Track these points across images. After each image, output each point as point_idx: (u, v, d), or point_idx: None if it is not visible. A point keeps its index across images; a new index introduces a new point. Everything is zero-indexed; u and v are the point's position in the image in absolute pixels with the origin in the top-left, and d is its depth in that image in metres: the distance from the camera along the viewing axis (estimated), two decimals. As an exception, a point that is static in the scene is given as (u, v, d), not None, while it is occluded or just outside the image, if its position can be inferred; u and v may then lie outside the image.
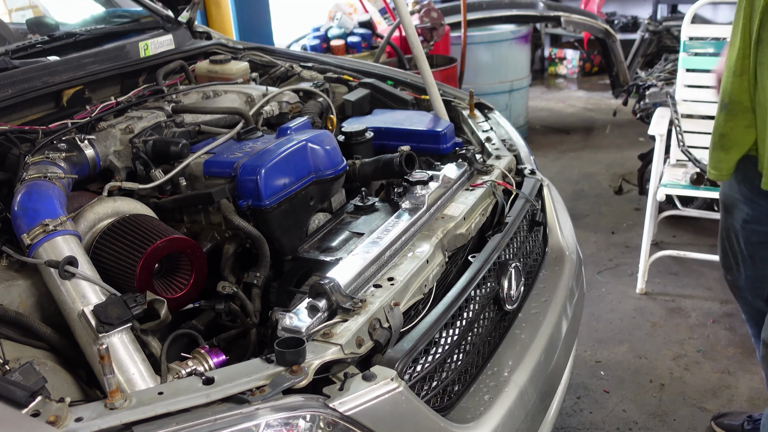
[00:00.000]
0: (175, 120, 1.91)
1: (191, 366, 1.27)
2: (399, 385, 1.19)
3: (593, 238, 4.01)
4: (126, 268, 1.42)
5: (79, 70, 2.09)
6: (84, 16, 2.76)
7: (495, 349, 1.61)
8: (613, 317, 3.27)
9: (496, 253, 1.67)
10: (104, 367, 1.03)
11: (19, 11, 3.66)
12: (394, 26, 4.74)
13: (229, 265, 1.62)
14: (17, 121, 1.92)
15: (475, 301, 1.57)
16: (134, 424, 1.02)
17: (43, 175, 1.49)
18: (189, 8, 2.56)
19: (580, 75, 7.64)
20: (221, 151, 1.77)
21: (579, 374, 2.85)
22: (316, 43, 5.09)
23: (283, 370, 1.13)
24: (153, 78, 2.28)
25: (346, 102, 2.34)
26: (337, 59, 2.83)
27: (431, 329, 1.38)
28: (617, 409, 2.67)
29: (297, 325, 1.24)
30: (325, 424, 1.12)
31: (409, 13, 2.34)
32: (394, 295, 1.37)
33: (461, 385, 1.47)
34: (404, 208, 1.65)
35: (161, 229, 1.49)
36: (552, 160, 5.22)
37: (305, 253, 1.61)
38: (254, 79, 2.49)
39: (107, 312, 1.20)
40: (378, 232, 1.54)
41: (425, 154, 2.08)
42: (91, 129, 1.85)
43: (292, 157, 1.69)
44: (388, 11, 5.30)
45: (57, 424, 0.99)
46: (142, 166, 1.75)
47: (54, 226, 1.33)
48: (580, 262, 2.06)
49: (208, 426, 1.04)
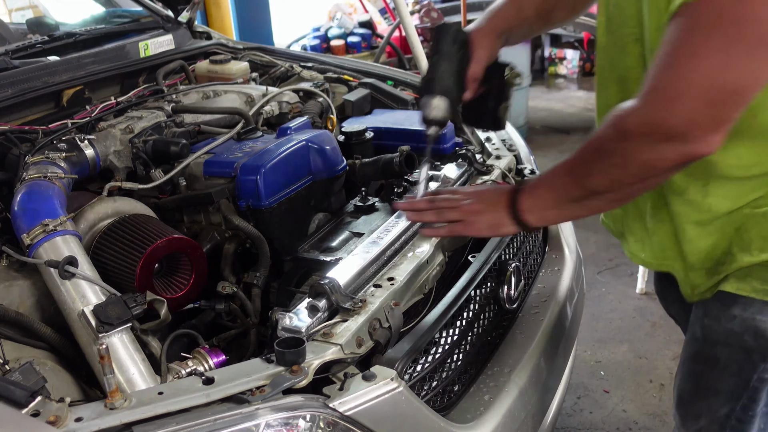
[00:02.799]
0: (175, 120, 1.91)
1: (191, 366, 1.27)
2: (399, 385, 1.19)
3: (593, 238, 4.01)
4: (126, 268, 1.42)
5: (79, 70, 2.09)
6: (84, 16, 2.77)
7: (495, 349, 1.61)
8: (613, 317, 3.27)
9: (496, 253, 1.67)
10: (104, 367, 1.03)
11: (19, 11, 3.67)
12: (394, 26, 4.74)
13: (229, 265, 1.62)
14: (17, 121, 1.92)
15: (475, 301, 1.57)
16: (134, 424, 1.02)
17: (43, 175, 1.49)
18: (189, 8, 2.56)
19: (580, 75, 7.63)
20: (221, 151, 1.77)
21: (579, 374, 2.85)
22: (316, 43, 5.10)
23: (283, 370, 1.13)
24: (153, 78, 2.28)
25: (346, 102, 2.34)
26: (337, 59, 2.83)
27: (431, 329, 1.39)
28: (617, 409, 2.67)
29: (297, 325, 1.24)
30: (325, 424, 1.12)
31: (409, 13, 2.35)
32: (394, 295, 1.37)
33: (461, 385, 1.47)
34: (404, 208, 1.65)
35: (161, 229, 1.49)
36: (552, 160, 5.22)
37: (305, 253, 1.61)
38: (254, 79, 2.49)
39: (107, 312, 1.20)
40: (378, 232, 1.54)
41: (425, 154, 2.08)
42: (91, 129, 1.85)
43: (292, 157, 1.69)
44: (388, 11, 5.31)
45: (57, 424, 0.99)
46: (142, 166, 1.74)
47: (54, 226, 1.33)
48: (580, 262, 2.06)
49: (208, 426, 1.04)
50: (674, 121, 1.03)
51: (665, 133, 1.05)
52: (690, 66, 1.00)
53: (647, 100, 1.07)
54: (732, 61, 0.97)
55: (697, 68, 1.00)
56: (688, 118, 1.02)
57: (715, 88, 1.00)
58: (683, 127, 1.03)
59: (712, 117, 1.02)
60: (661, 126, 1.05)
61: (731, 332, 1.29)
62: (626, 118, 1.10)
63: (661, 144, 1.06)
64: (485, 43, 1.42)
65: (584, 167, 1.20)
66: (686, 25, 1.00)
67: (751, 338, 1.29)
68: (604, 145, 1.15)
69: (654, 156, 1.08)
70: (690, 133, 1.03)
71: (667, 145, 1.06)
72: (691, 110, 1.02)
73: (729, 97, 1.01)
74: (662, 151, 1.06)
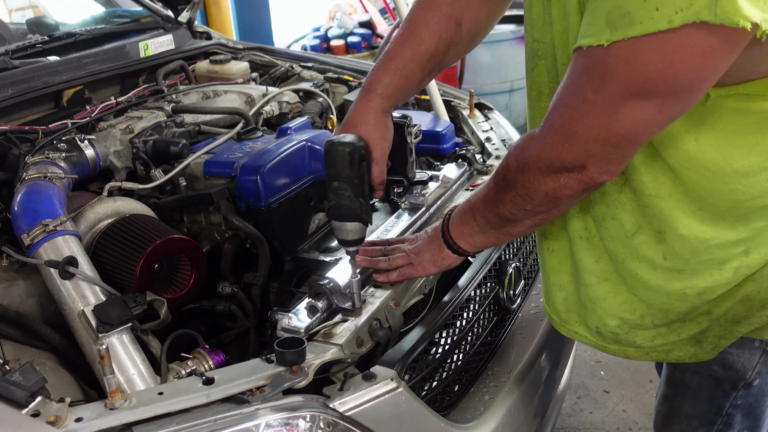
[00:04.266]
0: (175, 120, 1.91)
1: (191, 366, 1.27)
2: (399, 385, 1.19)
3: (593, 238, 4.01)
4: (126, 268, 1.42)
5: (79, 70, 2.09)
6: (84, 16, 2.77)
7: (495, 349, 1.61)
8: (613, 317, 3.27)
9: (496, 253, 1.67)
10: (104, 367, 1.03)
11: (19, 11, 3.67)
12: (394, 26, 4.74)
13: (229, 265, 1.62)
14: (17, 121, 1.93)
15: (475, 301, 1.57)
16: (134, 424, 1.02)
17: (43, 175, 1.49)
18: (189, 8, 2.56)
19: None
20: (221, 151, 1.77)
21: (579, 374, 2.85)
22: (316, 43, 5.10)
23: (283, 370, 1.13)
24: (153, 78, 2.29)
25: (346, 102, 2.34)
26: (337, 59, 2.83)
27: (431, 329, 1.39)
28: (617, 409, 2.67)
29: (296, 326, 1.24)
30: (325, 424, 1.12)
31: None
32: (394, 295, 1.37)
33: (461, 385, 1.47)
34: (404, 208, 1.65)
35: (161, 229, 1.49)
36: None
37: (305, 253, 1.61)
38: (254, 79, 2.49)
39: (107, 312, 1.21)
40: (378, 232, 1.54)
41: (425, 154, 2.08)
42: (91, 129, 1.85)
43: (292, 158, 1.69)
44: (388, 11, 5.31)
45: (57, 424, 0.99)
46: (142, 166, 1.75)
47: (54, 226, 1.33)
48: (580, 262, 2.06)
49: (208, 426, 1.04)
50: (571, 157, 1.03)
51: (562, 167, 1.05)
52: (583, 110, 0.99)
53: (545, 136, 1.06)
54: (619, 111, 0.95)
55: (589, 114, 0.98)
56: (585, 155, 1.02)
57: (608, 133, 0.99)
58: (581, 161, 1.03)
59: (608, 154, 1.02)
60: (558, 160, 1.05)
61: (699, 362, 1.28)
62: (526, 150, 1.10)
63: (563, 174, 1.06)
64: (376, 137, 1.35)
65: (495, 196, 1.20)
66: (581, 67, 0.98)
67: (719, 368, 1.28)
68: (508, 176, 1.15)
69: (556, 185, 1.07)
70: (589, 165, 1.03)
71: (569, 175, 1.06)
72: (586, 149, 1.02)
73: (622, 141, 1.00)
74: (564, 180, 1.06)
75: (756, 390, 1.29)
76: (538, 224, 1.20)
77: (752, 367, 1.26)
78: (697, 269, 1.14)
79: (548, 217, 1.18)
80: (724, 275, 1.13)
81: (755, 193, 1.07)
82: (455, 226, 1.32)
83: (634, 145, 1.02)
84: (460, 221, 1.31)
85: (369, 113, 1.35)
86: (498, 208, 1.19)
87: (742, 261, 1.12)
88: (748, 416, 1.33)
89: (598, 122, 0.98)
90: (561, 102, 1.03)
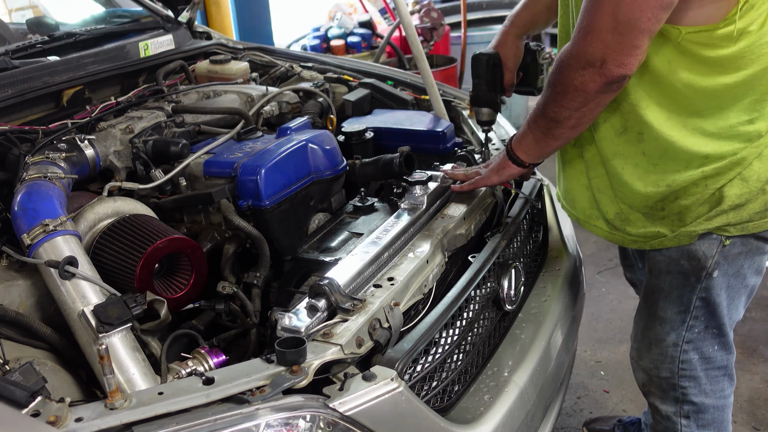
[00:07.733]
0: (175, 120, 1.91)
1: (191, 366, 1.27)
2: (399, 385, 1.19)
3: (593, 238, 3.99)
4: (126, 268, 1.42)
5: (79, 70, 2.09)
6: (84, 16, 2.77)
7: (495, 349, 1.61)
8: (613, 317, 3.27)
9: (496, 253, 1.67)
10: (104, 367, 1.03)
11: (19, 11, 3.67)
12: (394, 26, 4.74)
13: (229, 265, 1.62)
14: (17, 121, 1.92)
15: (475, 301, 1.57)
16: (134, 424, 1.02)
17: (43, 175, 1.49)
18: (189, 8, 2.56)
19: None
20: (221, 151, 1.77)
21: (579, 374, 2.85)
22: (316, 43, 5.09)
23: (283, 370, 1.13)
24: (153, 78, 2.28)
25: (346, 102, 2.34)
26: (337, 59, 2.83)
27: (431, 329, 1.38)
28: (617, 409, 2.67)
29: (296, 325, 1.24)
30: (325, 424, 1.12)
31: (409, 13, 2.35)
32: (394, 295, 1.37)
33: (461, 385, 1.47)
34: (403, 208, 1.65)
35: (161, 229, 1.49)
36: (552, 159, 5.20)
37: (305, 253, 1.61)
38: (254, 79, 2.49)
39: (107, 312, 1.21)
40: (377, 232, 1.54)
41: (425, 154, 2.08)
42: (91, 129, 1.85)
43: (292, 157, 1.69)
44: (388, 11, 5.31)
45: (57, 424, 0.99)
46: (142, 166, 1.75)
47: (54, 226, 1.33)
48: (580, 262, 2.06)
49: (208, 426, 1.04)
50: (591, 49, 1.33)
51: (587, 60, 1.34)
52: (598, 6, 1.29)
53: (574, 38, 1.37)
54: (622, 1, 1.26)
55: (602, 8, 1.29)
56: (602, 47, 1.31)
57: (615, 21, 1.28)
58: (600, 53, 1.32)
59: (620, 43, 1.30)
60: (583, 55, 1.34)
61: (670, 259, 1.61)
62: (562, 54, 1.41)
63: (588, 69, 1.34)
64: (510, 54, 1.85)
65: (543, 100, 1.49)
66: None
67: (686, 261, 1.58)
68: (551, 79, 1.45)
69: (583, 80, 1.36)
70: (606, 58, 1.31)
71: (592, 70, 1.34)
72: (602, 40, 1.31)
73: (627, 27, 1.28)
74: (589, 74, 1.35)
75: (715, 283, 1.59)
76: (576, 126, 1.47)
77: (711, 255, 1.55)
78: (667, 166, 1.49)
79: (582, 118, 1.44)
80: (688, 172, 1.47)
81: (711, 109, 1.42)
82: (516, 139, 1.63)
83: (637, 33, 1.29)
84: (520, 134, 1.62)
85: (507, 38, 1.85)
86: (545, 108, 1.48)
87: (702, 162, 1.46)
88: (710, 312, 1.63)
89: (608, 12, 1.28)
90: (585, 7, 1.33)
